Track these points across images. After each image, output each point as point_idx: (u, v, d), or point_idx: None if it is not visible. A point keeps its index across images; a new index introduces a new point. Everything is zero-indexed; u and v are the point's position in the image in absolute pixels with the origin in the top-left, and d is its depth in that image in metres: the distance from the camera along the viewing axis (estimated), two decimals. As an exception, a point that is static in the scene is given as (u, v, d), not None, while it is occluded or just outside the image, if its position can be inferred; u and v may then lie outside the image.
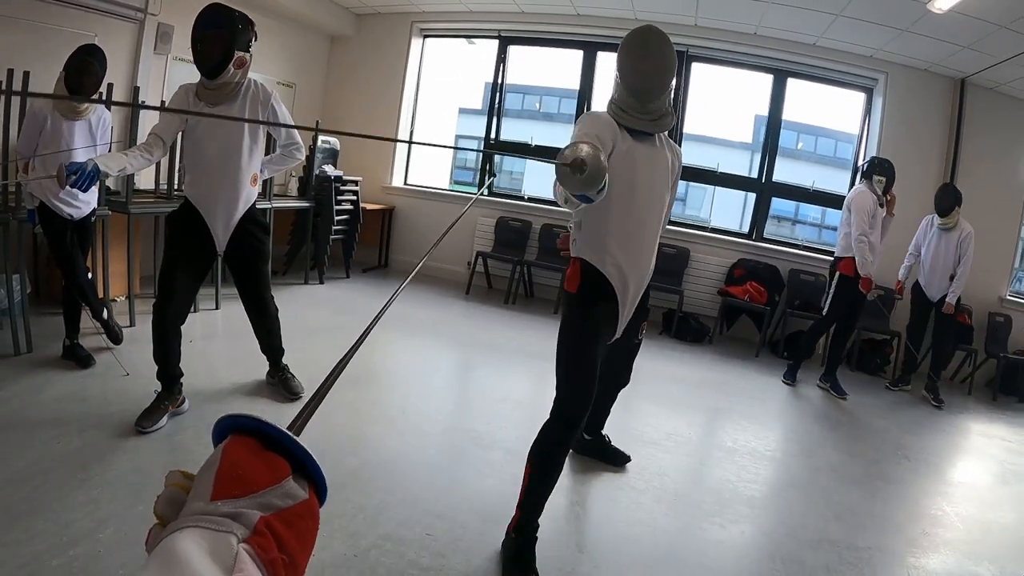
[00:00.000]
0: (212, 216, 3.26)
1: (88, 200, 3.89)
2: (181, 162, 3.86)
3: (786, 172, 7.85)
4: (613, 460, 3.48)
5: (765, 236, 7.59)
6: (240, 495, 0.55)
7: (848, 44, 6.77)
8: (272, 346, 3.81)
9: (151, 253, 5.45)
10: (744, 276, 6.97)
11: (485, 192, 8.09)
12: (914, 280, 6.12)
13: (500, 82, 8.20)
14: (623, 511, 3.07)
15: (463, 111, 10.85)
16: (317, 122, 6.82)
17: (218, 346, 4.76)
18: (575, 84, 7.96)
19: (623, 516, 3.02)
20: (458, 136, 11.42)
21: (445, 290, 7.39)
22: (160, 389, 3.29)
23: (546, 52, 8.40)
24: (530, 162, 10.86)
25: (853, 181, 7.11)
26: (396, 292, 1.09)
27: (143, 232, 5.41)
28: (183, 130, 3.29)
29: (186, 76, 6.10)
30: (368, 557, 2.39)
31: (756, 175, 7.65)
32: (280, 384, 3.85)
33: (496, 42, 8.15)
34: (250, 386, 3.90)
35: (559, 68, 8.80)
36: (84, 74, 3.61)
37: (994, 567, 3.09)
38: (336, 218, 6.95)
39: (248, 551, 0.51)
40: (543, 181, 7.91)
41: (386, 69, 8.31)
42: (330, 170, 6.99)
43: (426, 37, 8.51)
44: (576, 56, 7.90)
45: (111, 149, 4.03)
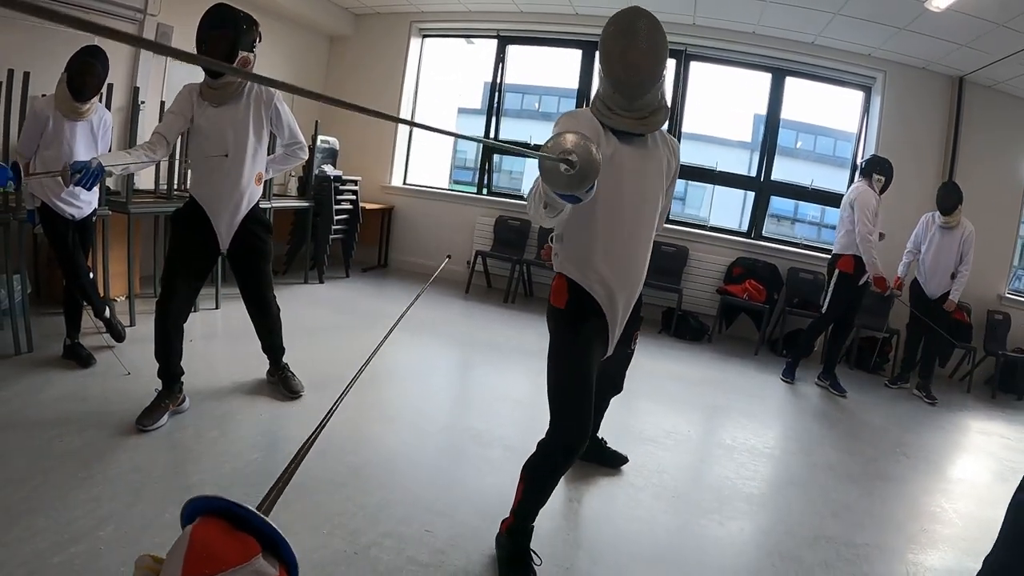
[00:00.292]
0: (216, 214, 3.28)
1: (89, 200, 3.90)
2: (184, 161, 3.86)
3: (785, 171, 7.85)
4: (610, 462, 3.45)
5: (764, 235, 7.59)
6: (210, 574, 0.55)
7: (846, 43, 6.78)
8: (273, 345, 3.82)
9: (151, 253, 5.47)
10: (743, 275, 6.97)
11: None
12: (912, 277, 6.11)
13: (499, 82, 8.20)
14: (621, 508, 3.07)
15: (462, 111, 10.85)
16: (316, 122, 6.80)
17: (218, 345, 4.77)
18: (574, 84, 7.95)
19: (621, 513, 3.03)
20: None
21: (444, 289, 7.40)
22: (160, 388, 3.30)
23: (545, 52, 8.40)
24: (530, 161, 10.86)
25: (852, 179, 7.11)
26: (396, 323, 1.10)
27: (143, 232, 5.41)
28: (188, 129, 3.29)
29: (186, 77, 6.09)
30: (368, 554, 2.40)
31: (755, 174, 7.66)
32: (280, 383, 3.86)
33: (495, 42, 8.15)
34: (250, 385, 3.90)
35: (558, 68, 8.79)
36: (87, 75, 3.61)
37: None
38: (336, 218, 6.96)
39: None
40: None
41: (385, 69, 8.31)
42: (329, 170, 7.00)
43: (425, 37, 8.51)
44: (575, 56, 7.90)
45: (111, 150, 4.05)
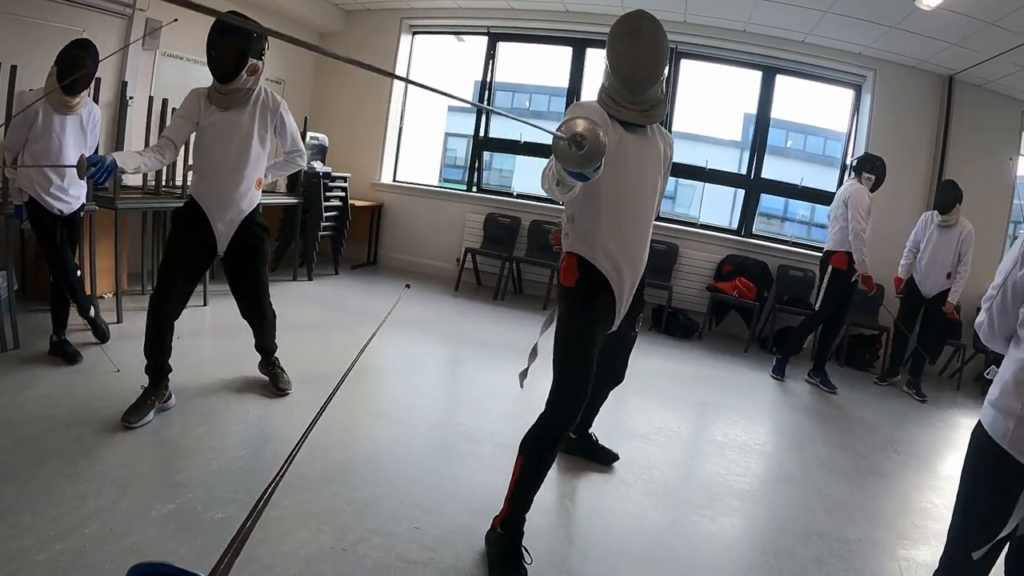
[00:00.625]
0: (215, 216, 3.32)
1: (77, 195, 3.88)
2: (187, 165, 3.88)
3: (775, 169, 7.87)
4: (601, 459, 3.44)
5: (754, 232, 7.60)
6: None
7: (837, 41, 6.78)
8: (266, 345, 3.85)
9: (139, 250, 5.44)
10: (733, 272, 6.98)
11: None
12: (909, 276, 6.10)
13: (489, 79, 8.18)
14: (612, 504, 3.07)
15: (452, 109, 10.83)
16: (306, 118, 6.77)
17: (207, 343, 4.73)
18: (564, 82, 7.93)
19: (613, 509, 3.02)
20: (447, 134, 11.40)
21: (434, 286, 7.38)
22: (147, 384, 3.29)
23: (535, 49, 8.38)
24: (520, 159, 10.85)
25: (842, 178, 7.12)
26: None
27: (131, 228, 5.36)
28: (194, 132, 3.34)
29: (175, 72, 6.16)
30: (356, 551, 2.38)
31: (745, 172, 7.67)
32: (270, 379, 3.86)
33: (485, 39, 8.12)
34: (238, 382, 3.87)
35: (548, 66, 8.79)
36: (77, 68, 3.58)
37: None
38: (324, 214, 6.93)
39: None
40: (533, 178, 7.90)
41: (375, 65, 8.22)
42: (319, 166, 6.97)
43: (415, 34, 8.48)
44: (565, 53, 7.88)
45: (100, 145, 4.08)
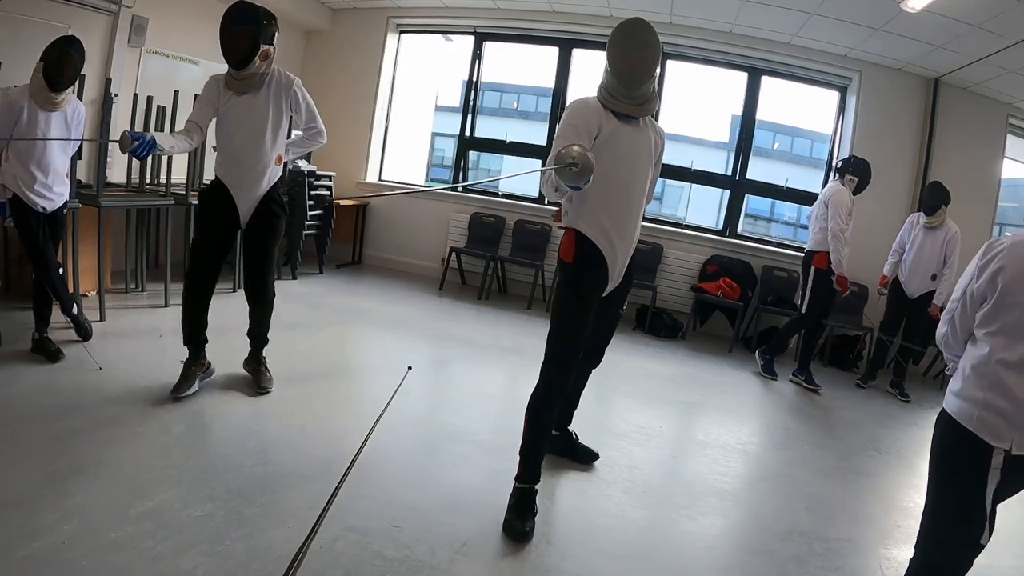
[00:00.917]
0: (239, 193, 3.56)
1: (61, 193, 3.88)
2: (213, 147, 4.07)
3: (763, 171, 7.90)
4: (581, 458, 3.41)
5: (739, 233, 7.60)
6: None
7: (822, 43, 6.79)
8: (259, 333, 3.92)
9: (123, 248, 5.37)
10: (717, 272, 6.95)
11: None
12: (895, 275, 6.08)
13: (475, 79, 8.15)
14: (592, 503, 3.04)
15: (440, 108, 10.81)
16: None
17: (179, 343, 4.62)
18: (550, 82, 7.91)
19: (592, 508, 2.99)
20: (434, 134, 11.38)
21: (419, 286, 7.34)
22: (187, 357, 3.61)
23: (521, 49, 8.36)
24: (507, 159, 10.85)
25: (827, 179, 7.13)
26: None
27: (115, 227, 5.29)
28: (215, 117, 3.57)
29: (161, 69, 6.13)
30: (333, 548, 2.35)
31: (730, 173, 7.67)
32: (252, 375, 3.89)
33: (472, 38, 8.09)
34: (221, 380, 3.82)
35: (537, 66, 8.78)
36: (64, 65, 3.62)
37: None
38: (309, 213, 6.87)
39: None
40: (520, 178, 7.89)
41: (362, 64, 8.22)
42: (303, 165, 6.91)
43: (402, 33, 8.43)
44: (551, 53, 7.86)
45: (83, 142, 4.21)
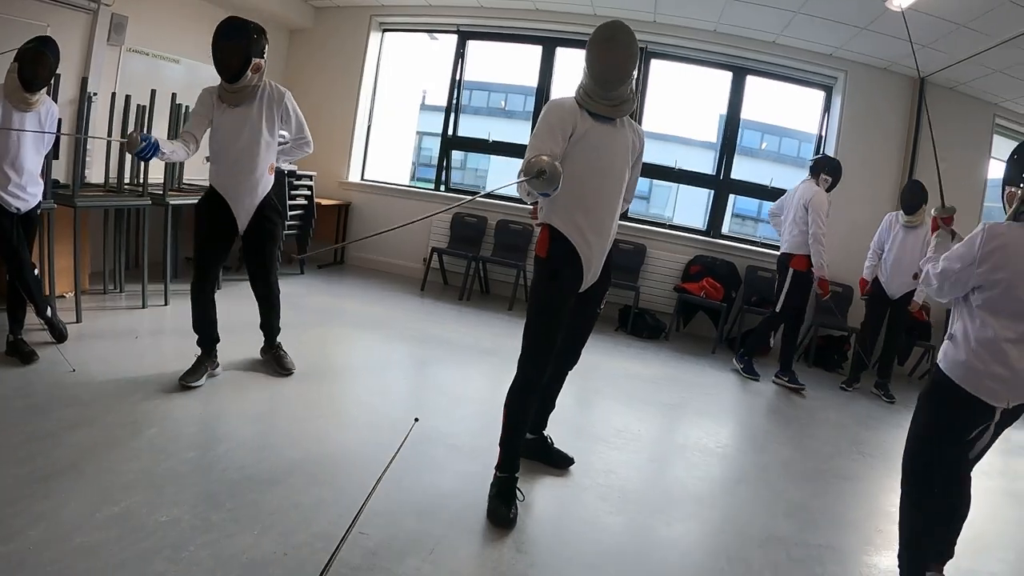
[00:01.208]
0: (235, 201, 3.73)
1: (35, 193, 3.83)
2: (205, 158, 4.22)
3: (750, 171, 7.86)
4: (556, 463, 3.34)
5: (724, 233, 7.56)
6: None
7: (807, 42, 6.76)
8: (271, 324, 4.17)
9: (100, 248, 5.27)
10: (700, 272, 6.90)
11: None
12: (873, 276, 6.04)
13: (459, 78, 8.09)
14: (566, 509, 2.98)
15: (425, 107, 10.72)
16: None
17: (166, 342, 4.56)
18: (535, 81, 7.85)
19: (566, 515, 2.93)
20: (421, 133, 11.30)
21: (400, 286, 7.27)
22: (200, 353, 3.81)
23: (505, 48, 8.31)
24: (494, 159, 10.79)
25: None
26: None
27: (92, 227, 5.18)
28: (209, 128, 3.71)
29: (141, 68, 6.06)
30: (298, 555, 2.29)
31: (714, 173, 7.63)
32: (273, 360, 4.16)
33: (455, 37, 8.03)
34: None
35: (522, 64, 8.71)
36: (38, 65, 3.56)
37: (949, 564, 3.02)
38: (290, 213, 6.79)
39: None
40: (508, 177, 7.83)
41: (344, 63, 8.16)
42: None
43: (385, 31, 8.36)
44: (535, 52, 7.80)
45: (61, 143, 4.46)
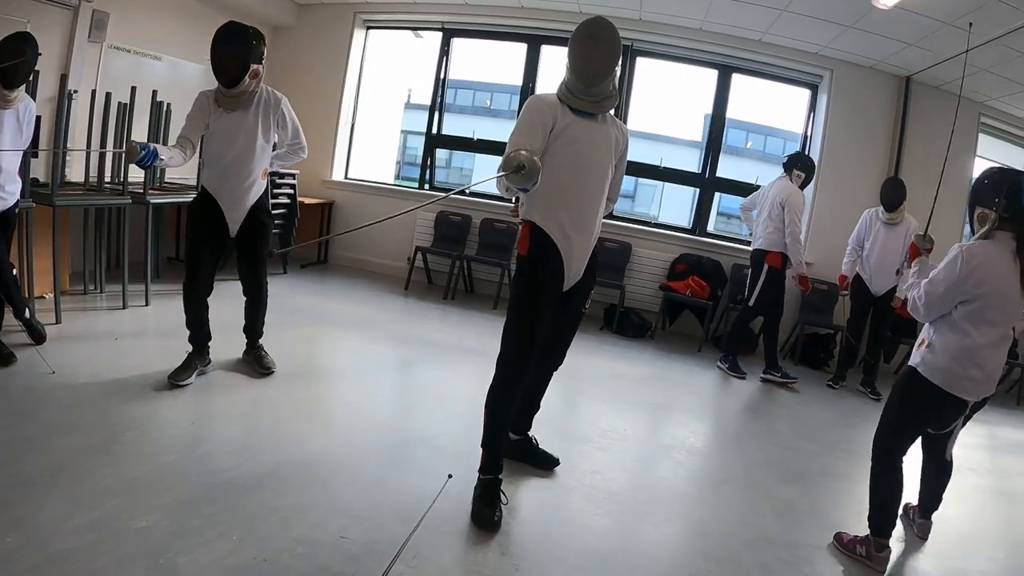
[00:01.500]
0: (228, 206, 3.76)
1: (12, 192, 3.76)
2: (200, 161, 4.36)
3: (736, 170, 7.86)
4: (541, 464, 3.30)
5: (710, 231, 7.56)
6: None
7: (794, 40, 6.75)
8: (256, 327, 4.18)
9: (80, 248, 5.18)
10: (686, 271, 6.88)
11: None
12: (854, 274, 6.05)
13: (443, 76, 8.04)
14: (551, 511, 2.94)
15: (409, 106, 10.66)
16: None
17: (147, 343, 4.52)
18: (520, 79, 7.81)
19: (551, 516, 2.89)
20: (406, 131, 11.24)
21: (384, 285, 7.21)
22: (191, 350, 3.82)
23: (490, 45, 8.25)
24: (478, 158, 10.73)
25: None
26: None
27: (72, 227, 5.10)
28: (205, 132, 3.72)
29: (123, 65, 5.98)
30: (279, 561, 2.25)
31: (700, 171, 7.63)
32: (255, 361, 4.15)
33: (439, 34, 7.98)
34: (167, 385, 3.65)
35: (504, 62, 8.69)
36: (17, 62, 3.51)
37: (939, 562, 3.04)
38: (273, 212, 6.70)
39: None
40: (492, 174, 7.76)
41: (327, 60, 8.09)
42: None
43: (369, 28, 8.30)
44: (520, 49, 7.76)
45: (38, 141, 4.31)
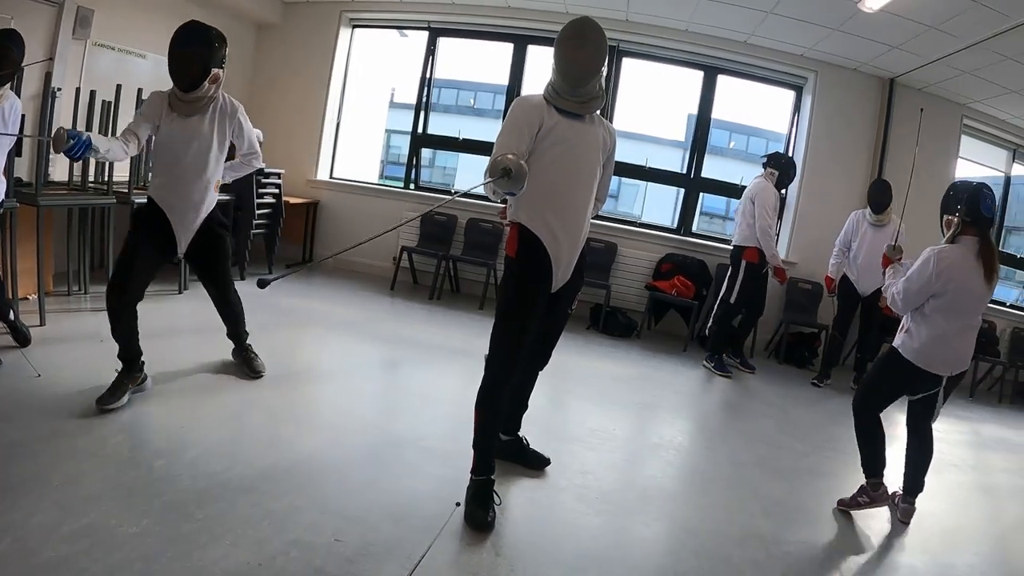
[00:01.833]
0: (177, 220, 3.45)
1: None
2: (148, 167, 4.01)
3: (719, 170, 7.89)
4: (532, 464, 3.31)
5: (694, 231, 7.61)
6: None
7: (779, 42, 6.81)
8: (237, 332, 4.03)
9: (64, 249, 5.10)
10: (672, 271, 6.92)
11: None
12: (841, 274, 6.11)
13: (429, 75, 8.03)
14: (543, 511, 2.95)
15: (394, 105, 10.63)
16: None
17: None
18: (505, 79, 7.82)
19: (543, 516, 2.90)
20: (389, 131, 11.20)
21: (370, 286, 7.19)
22: (121, 368, 3.38)
23: (476, 45, 8.25)
24: (463, 157, 10.70)
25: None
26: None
27: (56, 227, 5.00)
28: (155, 134, 3.43)
29: (107, 63, 5.92)
30: (274, 565, 2.23)
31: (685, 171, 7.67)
32: (244, 364, 4.03)
33: (426, 34, 7.97)
34: (159, 389, 3.60)
35: (490, 62, 8.68)
36: (2, 59, 3.46)
37: (926, 558, 3.09)
38: (258, 212, 6.67)
39: None
40: (478, 175, 7.77)
41: (313, 59, 8.04)
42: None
43: (355, 27, 8.25)
44: (506, 49, 7.76)
45: (21, 138, 4.23)
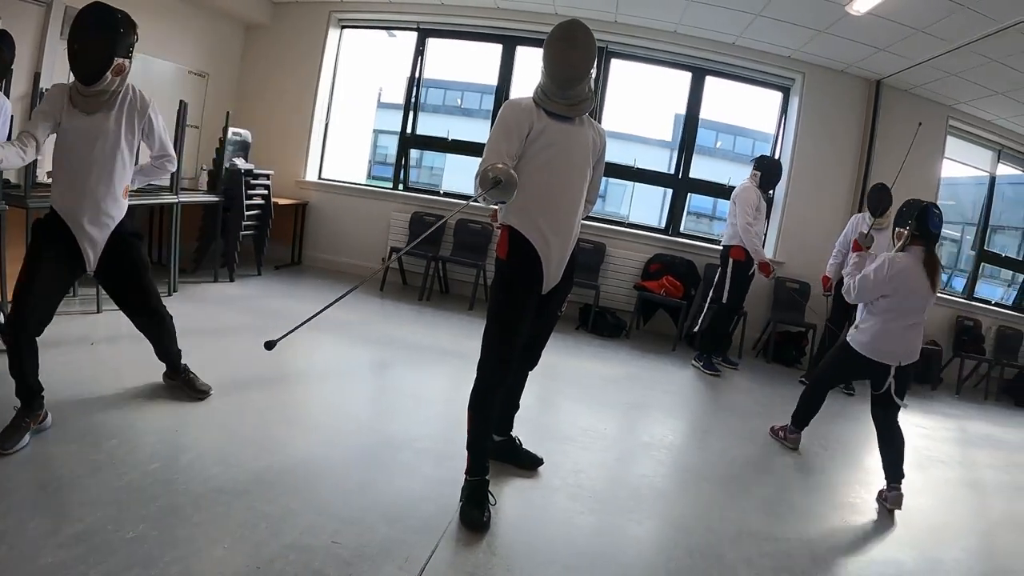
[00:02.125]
0: (81, 231, 2.98)
1: None
2: (47, 173, 3.54)
3: (706, 170, 7.93)
4: (525, 464, 3.32)
5: (682, 231, 7.65)
6: None
7: (767, 44, 6.86)
8: (169, 351, 3.55)
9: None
10: (660, 271, 6.97)
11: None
12: (838, 277, 6.13)
13: (418, 76, 8.04)
14: (537, 510, 2.96)
15: (383, 105, 10.62)
16: (228, 113, 6.50)
17: (105, 353, 4.20)
18: (494, 80, 7.84)
19: (538, 515, 2.91)
20: (377, 131, 11.18)
21: (359, 287, 7.13)
22: (19, 406, 2.87)
23: (465, 46, 8.25)
24: (450, 158, 10.70)
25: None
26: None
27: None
28: (55, 133, 2.97)
29: None
30: (272, 569, 2.22)
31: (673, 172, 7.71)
32: (185, 385, 3.58)
33: (415, 34, 7.98)
34: (148, 391, 3.54)
35: (479, 62, 8.69)
36: None
37: (915, 552, 3.13)
38: (247, 213, 6.64)
39: None
40: (465, 175, 7.80)
41: (302, 59, 8.03)
42: (240, 163, 6.67)
43: (344, 28, 8.25)
44: (495, 50, 7.78)
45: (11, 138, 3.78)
